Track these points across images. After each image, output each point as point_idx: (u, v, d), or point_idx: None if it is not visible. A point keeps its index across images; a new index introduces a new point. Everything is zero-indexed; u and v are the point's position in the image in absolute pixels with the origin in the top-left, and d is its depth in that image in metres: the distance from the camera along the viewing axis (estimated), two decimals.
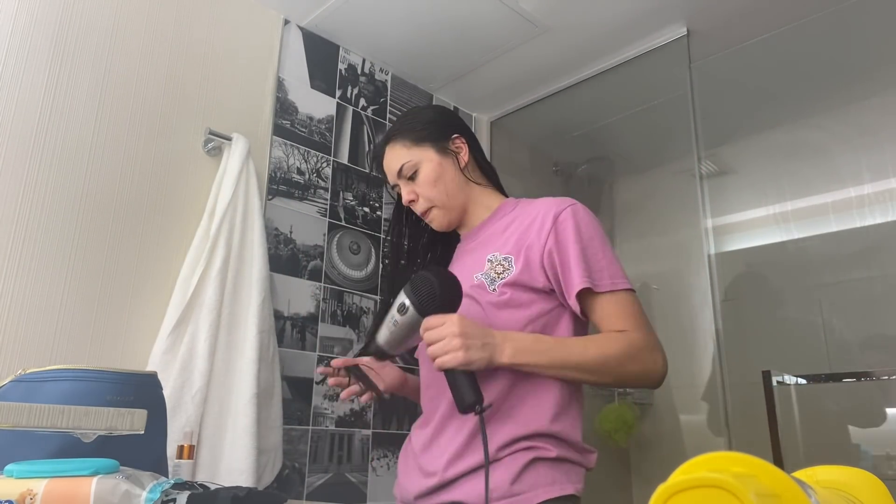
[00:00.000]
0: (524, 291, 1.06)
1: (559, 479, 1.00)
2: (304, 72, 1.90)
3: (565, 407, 1.04)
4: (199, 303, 1.45)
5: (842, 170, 2.21)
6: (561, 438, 1.02)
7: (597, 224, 1.09)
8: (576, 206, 1.09)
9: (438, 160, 1.18)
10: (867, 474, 0.47)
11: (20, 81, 1.38)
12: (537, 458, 1.00)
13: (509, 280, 1.06)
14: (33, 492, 0.63)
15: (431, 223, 1.20)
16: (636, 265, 2.77)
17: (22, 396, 0.86)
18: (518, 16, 1.84)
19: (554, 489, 0.99)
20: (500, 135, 2.42)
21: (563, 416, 1.04)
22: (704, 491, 0.29)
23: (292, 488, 1.60)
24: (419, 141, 1.18)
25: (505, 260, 1.08)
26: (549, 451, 1.00)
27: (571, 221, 1.06)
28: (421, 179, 1.17)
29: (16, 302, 1.30)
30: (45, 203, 1.38)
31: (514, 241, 1.10)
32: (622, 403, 2.41)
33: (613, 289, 1.03)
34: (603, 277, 1.03)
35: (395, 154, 1.20)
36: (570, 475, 1.02)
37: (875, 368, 1.99)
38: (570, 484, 1.00)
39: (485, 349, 0.94)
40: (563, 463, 1.02)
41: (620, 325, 1.02)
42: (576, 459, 1.03)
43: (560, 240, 1.05)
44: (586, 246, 1.05)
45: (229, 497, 0.65)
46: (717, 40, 1.98)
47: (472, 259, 1.13)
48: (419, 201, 1.18)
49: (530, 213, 1.12)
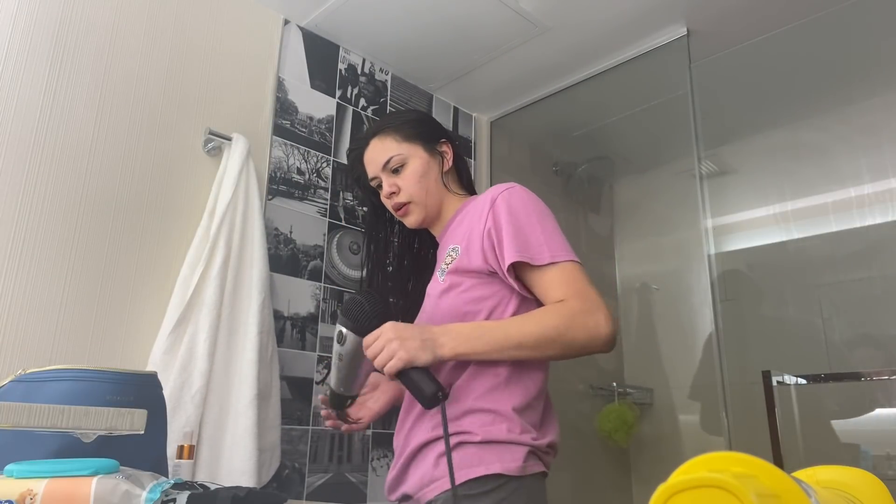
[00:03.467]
0: (464, 276, 1.09)
1: (486, 459, 1.00)
2: (304, 72, 1.90)
3: (502, 385, 1.05)
4: (199, 303, 1.45)
5: (842, 170, 2.21)
6: (497, 413, 1.03)
7: (536, 202, 1.11)
8: (513, 188, 1.12)
9: (427, 158, 1.22)
10: (867, 474, 0.47)
11: (20, 81, 1.38)
12: (462, 441, 1.02)
13: (452, 267, 1.10)
14: (33, 492, 0.63)
15: (405, 218, 1.23)
16: (636, 265, 2.77)
17: (22, 396, 0.86)
18: (518, 16, 1.84)
19: (478, 469, 0.99)
20: (500, 135, 2.42)
21: (497, 392, 1.04)
22: (704, 491, 0.29)
23: (292, 488, 1.60)
24: (410, 138, 1.22)
25: (453, 250, 1.12)
26: (474, 435, 1.01)
27: (506, 202, 1.08)
28: (407, 174, 1.20)
29: (16, 302, 1.30)
30: (44, 203, 1.37)
31: (461, 233, 1.14)
32: (622, 403, 2.41)
33: (553, 261, 1.03)
34: (542, 252, 1.04)
35: (383, 146, 1.22)
36: (500, 454, 1.01)
37: (875, 368, 1.99)
38: (500, 463, 1.00)
39: (425, 345, 0.97)
40: (494, 445, 1.01)
41: (559, 294, 1.02)
42: (513, 440, 1.02)
43: (496, 220, 1.07)
44: (523, 224, 1.07)
45: (229, 497, 0.65)
46: (717, 40, 1.98)
47: (440, 258, 1.18)
48: (400, 195, 1.21)
49: (477, 203, 1.15)
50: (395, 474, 1.13)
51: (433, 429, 1.06)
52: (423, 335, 0.98)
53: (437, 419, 1.04)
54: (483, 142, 2.40)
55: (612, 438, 2.34)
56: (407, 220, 1.23)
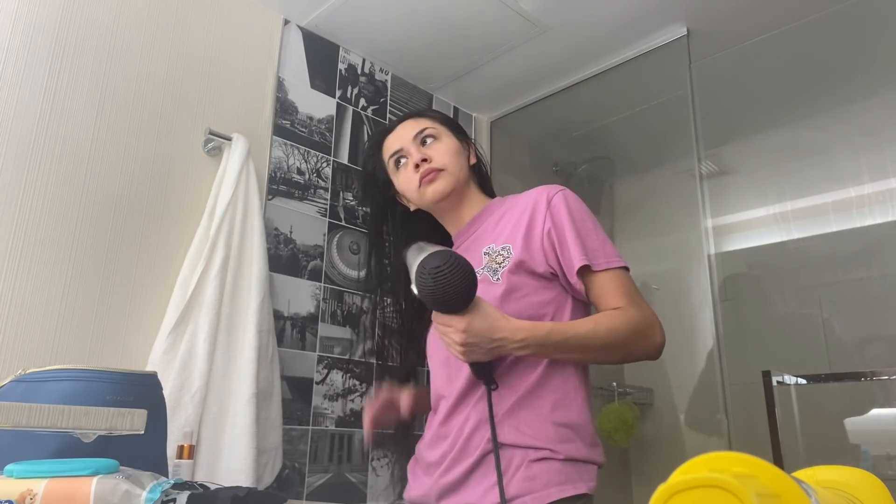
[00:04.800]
0: (527, 278, 1.07)
1: (572, 478, 0.98)
2: (304, 72, 1.90)
3: (571, 393, 1.04)
4: (199, 303, 1.45)
5: (842, 170, 2.21)
6: (571, 429, 1.02)
7: (585, 206, 1.13)
8: (566, 191, 1.13)
9: (459, 144, 1.24)
10: (867, 474, 0.47)
11: (20, 81, 1.38)
12: (546, 458, 0.99)
13: (511, 266, 1.07)
14: (33, 492, 0.63)
15: (432, 184, 1.18)
16: (636, 265, 2.74)
17: (22, 396, 0.86)
18: (518, 16, 1.84)
19: (567, 488, 0.97)
20: (500, 135, 2.42)
21: (569, 402, 1.03)
22: (705, 491, 0.29)
23: (292, 488, 1.60)
24: (444, 123, 1.26)
25: (504, 249, 1.10)
26: (557, 453, 0.99)
27: (564, 204, 1.09)
28: (441, 146, 1.21)
29: (16, 302, 1.30)
30: (44, 203, 1.37)
31: (508, 232, 1.12)
32: (622, 403, 2.41)
33: (609, 266, 1.05)
34: (598, 256, 1.05)
35: (417, 123, 1.23)
36: (580, 473, 1.00)
37: (875, 368, 1.98)
38: (583, 482, 0.99)
39: (490, 353, 0.96)
40: (575, 463, 1.01)
41: (616, 301, 1.03)
42: (589, 458, 1.03)
43: (556, 221, 1.07)
44: (580, 227, 1.07)
45: (229, 497, 0.65)
46: (717, 40, 1.98)
47: (469, 257, 1.14)
48: (433, 161, 1.19)
49: (521, 203, 1.14)
50: (453, 479, 1.03)
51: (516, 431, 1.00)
52: (492, 342, 0.94)
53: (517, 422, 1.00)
54: (483, 142, 2.40)
55: (613, 438, 2.33)
56: (433, 186, 1.18)
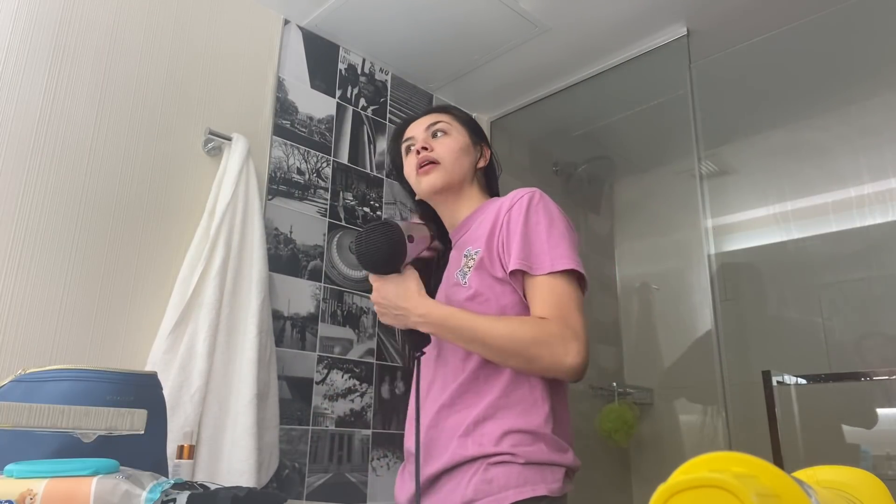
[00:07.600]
0: (490, 281, 1.08)
1: (532, 480, 0.99)
2: (304, 72, 1.90)
3: (539, 401, 1.04)
4: (199, 303, 1.45)
5: (842, 170, 2.21)
6: (535, 434, 1.03)
7: (550, 209, 1.10)
8: (534, 193, 1.12)
9: (469, 144, 1.25)
10: (867, 474, 0.47)
11: (20, 81, 1.38)
12: (505, 461, 1.00)
13: (475, 270, 1.09)
14: (33, 492, 0.63)
15: (426, 176, 1.20)
16: (636, 265, 2.77)
17: (22, 396, 0.86)
18: (518, 16, 1.84)
19: (525, 490, 0.98)
20: (500, 134, 2.42)
21: (535, 410, 1.04)
22: (705, 491, 0.29)
23: (292, 488, 1.60)
24: (464, 123, 1.28)
25: (475, 253, 1.11)
26: (517, 457, 1.00)
27: (523, 207, 1.09)
28: (446, 141, 1.22)
29: (16, 302, 1.30)
30: (45, 203, 1.37)
31: (480, 235, 1.13)
32: (622, 403, 2.41)
33: (551, 270, 1.03)
34: (542, 261, 1.04)
35: (438, 117, 1.26)
36: (543, 475, 1.01)
37: (875, 368, 1.98)
38: (544, 484, 1.00)
39: (397, 319, 1.04)
40: (536, 466, 1.01)
41: (542, 310, 1.02)
42: (554, 461, 1.03)
43: (510, 224, 1.08)
44: (531, 230, 1.07)
45: (229, 497, 0.65)
46: (717, 40, 1.98)
47: (455, 258, 1.17)
48: (431, 153, 1.21)
49: (496, 206, 1.15)
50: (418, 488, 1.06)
51: (478, 445, 1.02)
52: (398, 309, 1.03)
53: (480, 437, 1.02)
54: None
55: (612, 438, 2.33)
56: (427, 178, 1.20)
